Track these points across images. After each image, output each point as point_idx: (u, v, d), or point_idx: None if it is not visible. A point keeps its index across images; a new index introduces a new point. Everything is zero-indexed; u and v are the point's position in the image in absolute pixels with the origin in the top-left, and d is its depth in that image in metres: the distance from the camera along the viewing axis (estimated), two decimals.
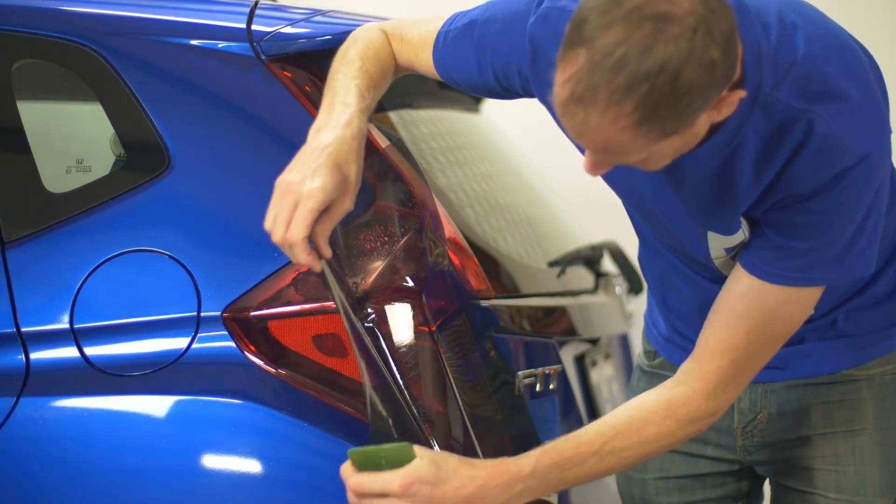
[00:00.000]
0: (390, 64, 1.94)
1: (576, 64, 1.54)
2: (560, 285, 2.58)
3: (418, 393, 1.90)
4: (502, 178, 2.65)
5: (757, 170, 1.72)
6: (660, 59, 1.50)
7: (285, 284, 1.92)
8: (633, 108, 1.52)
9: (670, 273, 2.02)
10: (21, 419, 1.93)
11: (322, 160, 1.74)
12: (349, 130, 1.78)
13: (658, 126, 1.55)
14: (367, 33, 1.94)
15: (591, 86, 1.53)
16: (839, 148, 1.68)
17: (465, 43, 1.90)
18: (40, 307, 1.97)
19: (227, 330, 1.93)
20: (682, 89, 1.52)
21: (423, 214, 1.96)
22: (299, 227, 1.73)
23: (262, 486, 1.91)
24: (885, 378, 2.00)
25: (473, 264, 2.04)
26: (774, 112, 1.68)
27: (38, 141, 2.06)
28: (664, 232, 1.93)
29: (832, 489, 2.00)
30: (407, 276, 1.89)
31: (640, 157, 1.63)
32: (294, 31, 2.07)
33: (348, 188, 1.76)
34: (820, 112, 1.67)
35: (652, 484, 2.15)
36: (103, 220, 1.99)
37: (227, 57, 2.03)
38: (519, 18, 1.83)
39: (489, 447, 1.93)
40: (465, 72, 1.92)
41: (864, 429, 2.00)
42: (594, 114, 1.54)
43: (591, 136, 1.58)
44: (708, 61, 1.52)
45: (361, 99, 1.82)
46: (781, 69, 1.68)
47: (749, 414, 2.04)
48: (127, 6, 2.14)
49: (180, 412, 1.93)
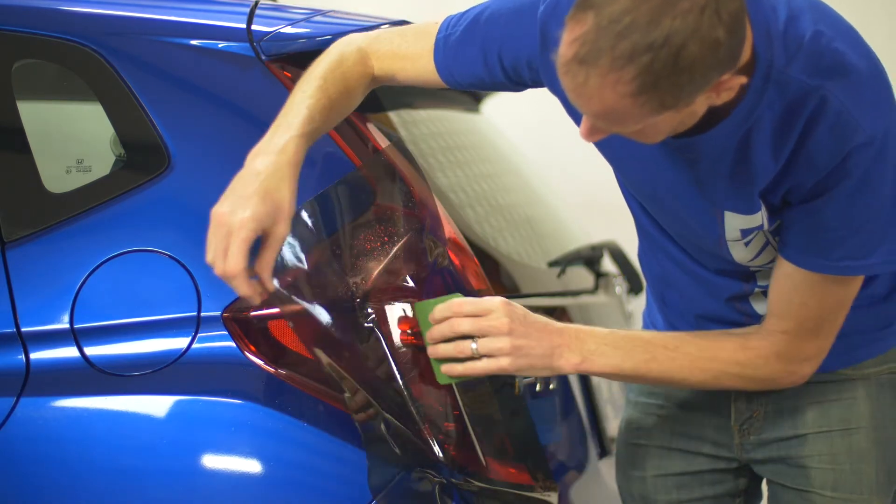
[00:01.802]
0: (359, 82, 1.93)
1: (583, 26, 1.57)
2: (560, 285, 2.58)
3: (418, 393, 1.90)
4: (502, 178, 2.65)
5: (774, 147, 1.74)
6: (665, 31, 1.53)
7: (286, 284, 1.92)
8: (633, 76, 1.55)
9: (671, 268, 2.03)
10: (21, 419, 1.93)
11: (252, 189, 1.74)
12: (283, 157, 1.77)
13: (656, 98, 1.57)
14: (341, 48, 1.94)
15: (595, 49, 1.56)
16: (852, 124, 1.70)
17: (469, 42, 1.91)
18: (40, 307, 1.97)
19: (227, 330, 1.93)
20: (683, 64, 1.54)
21: (423, 214, 1.96)
22: (233, 259, 1.73)
23: (262, 486, 1.91)
24: (881, 377, 2.01)
25: (473, 264, 2.04)
26: (788, 89, 1.71)
27: (38, 141, 2.06)
28: (672, 218, 1.94)
29: (829, 487, 2.00)
30: (407, 276, 1.89)
31: (634, 128, 1.65)
32: (294, 31, 2.07)
33: (281, 215, 1.75)
34: (832, 88, 1.70)
35: (651, 481, 2.15)
36: (103, 220, 1.99)
37: (227, 57, 2.03)
38: (526, 10, 1.86)
39: (489, 447, 1.93)
40: (472, 70, 1.92)
41: (860, 427, 2.00)
42: (594, 76, 1.57)
43: (589, 100, 1.61)
44: (712, 40, 1.54)
45: (309, 122, 1.82)
46: (792, 47, 1.70)
47: (746, 412, 2.05)
48: (127, 6, 2.14)
49: (180, 412, 1.93)
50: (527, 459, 2.02)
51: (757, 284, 1.96)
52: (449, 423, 1.94)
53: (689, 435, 2.11)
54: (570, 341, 1.86)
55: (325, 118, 1.86)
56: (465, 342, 1.83)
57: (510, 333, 1.82)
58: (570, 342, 1.86)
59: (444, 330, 1.84)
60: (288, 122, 1.81)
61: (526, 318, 1.84)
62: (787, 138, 1.73)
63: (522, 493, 2.00)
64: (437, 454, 1.91)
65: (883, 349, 2.01)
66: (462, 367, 1.84)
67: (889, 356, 2.02)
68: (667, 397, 2.13)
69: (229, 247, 1.73)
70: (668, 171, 1.84)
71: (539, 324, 1.85)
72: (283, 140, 1.79)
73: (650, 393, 2.16)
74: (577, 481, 2.39)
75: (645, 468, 2.15)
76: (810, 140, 1.71)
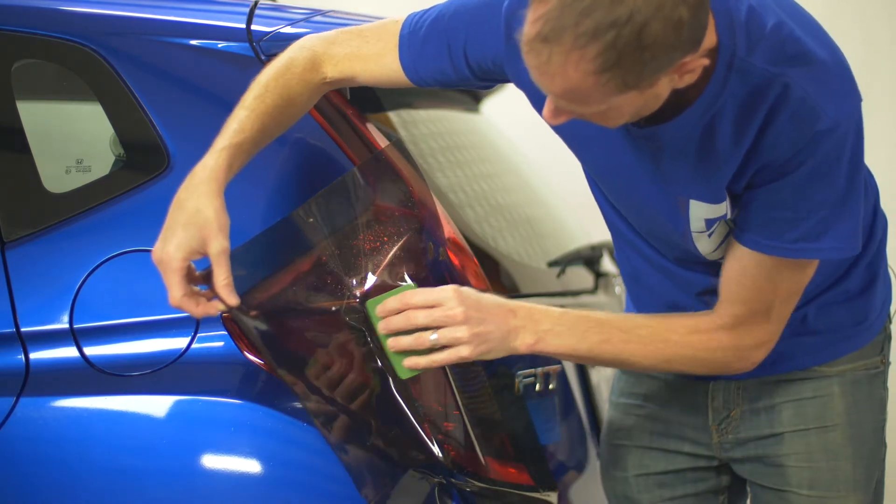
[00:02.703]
0: (306, 89, 1.93)
1: (547, 4, 1.58)
2: (560, 285, 2.58)
3: (418, 393, 1.90)
4: (502, 178, 2.65)
5: (736, 135, 1.75)
6: (629, 9, 1.54)
7: (285, 285, 1.92)
8: (596, 53, 1.56)
9: (640, 265, 2.04)
10: (21, 419, 1.93)
11: (174, 220, 1.79)
12: (202, 174, 1.80)
13: (619, 76, 1.58)
14: (292, 53, 1.94)
15: (558, 27, 1.56)
16: (815, 111, 1.71)
17: (434, 39, 1.91)
18: (40, 307, 1.97)
19: (227, 330, 1.93)
20: (646, 42, 1.55)
21: (423, 214, 1.96)
22: (172, 291, 1.78)
23: (262, 486, 1.91)
24: (856, 373, 2.03)
25: (473, 264, 2.04)
26: (750, 77, 1.72)
27: (37, 141, 2.06)
28: (638, 212, 1.95)
29: (805, 486, 2.02)
30: (407, 276, 1.89)
31: (598, 109, 1.65)
32: (294, 31, 2.07)
33: (209, 233, 1.78)
34: (794, 76, 1.71)
35: (633, 481, 2.16)
36: (103, 220, 1.99)
37: (227, 57, 2.03)
38: (491, 5, 1.86)
39: (489, 447, 1.93)
40: (438, 67, 1.93)
41: (835, 425, 2.02)
42: (557, 54, 1.58)
43: (552, 78, 1.61)
44: (676, 19, 1.55)
45: (238, 133, 1.84)
46: (754, 36, 1.71)
47: (723, 411, 2.07)
48: (127, 6, 2.13)
49: (180, 412, 1.93)
50: (527, 459, 2.02)
51: None
52: (449, 423, 1.94)
53: (668, 434, 2.13)
54: (525, 322, 1.86)
55: (261, 128, 1.87)
56: (424, 334, 1.82)
57: (466, 321, 1.81)
58: (525, 323, 1.86)
59: (399, 322, 1.82)
60: (218, 139, 1.84)
61: (479, 303, 1.83)
62: (750, 125, 1.74)
63: (522, 493, 2.00)
64: (437, 454, 1.91)
65: (858, 345, 2.03)
66: (426, 360, 1.83)
67: (864, 352, 2.04)
68: (646, 397, 2.15)
69: (166, 282, 1.78)
70: (633, 162, 1.85)
71: (493, 306, 1.84)
72: (206, 160, 1.82)
73: (630, 394, 2.17)
74: (577, 481, 2.39)
75: (627, 468, 2.17)
76: (773, 127, 1.73)
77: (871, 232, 1.99)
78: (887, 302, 2.08)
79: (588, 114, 1.67)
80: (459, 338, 1.81)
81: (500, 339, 1.84)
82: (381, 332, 1.82)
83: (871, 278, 2.01)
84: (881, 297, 2.04)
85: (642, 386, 2.15)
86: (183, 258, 1.77)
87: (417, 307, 1.82)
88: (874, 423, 2.05)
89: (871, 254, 2.00)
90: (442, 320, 1.81)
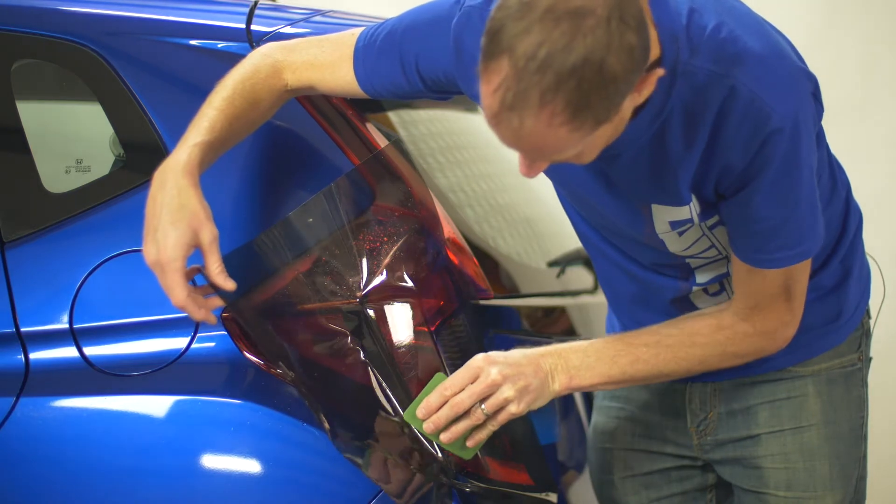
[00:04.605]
0: (270, 95, 1.93)
1: (501, 73, 1.56)
2: (559, 285, 2.58)
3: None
4: (502, 178, 2.65)
5: (687, 137, 1.76)
6: (582, 52, 1.53)
7: (285, 284, 1.92)
8: (564, 104, 1.55)
9: (608, 269, 2.06)
10: (21, 419, 1.93)
11: (161, 220, 1.78)
12: (177, 170, 1.80)
13: (591, 117, 1.58)
14: (256, 60, 1.94)
15: (520, 91, 1.55)
16: (763, 111, 1.72)
17: (387, 53, 1.92)
18: (40, 307, 1.97)
19: (226, 330, 1.93)
20: (608, 77, 1.55)
21: (423, 214, 1.96)
22: (175, 292, 1.78)
23: (262, 486, 1.91)
24: (831, 372, 2.04)
25: (473, 264, 2.04)
26: (695, 79, 1.73)
27: (37, 141, 2.06)
28: (599, 216, 1.96)
29: (782, 487, 2.03)
30: (406, 276, 1.89)
31: (574, 153, 1.65)
32: (294, 31, 2.07)
33: (199, 224, 1.79)
34: (738, 76, 1.72)
35: (619, 483, 2.17)
36: (103, 220, 1.99)
37: (227, 57, 2.03)
38: (442, 20, 1.86)
39: (488, 447, 1.93)
40: (392, 80, 1.93)
41: (811, 425, 2.03)
42: (528, 117, 1.57)
43: (528, 140, 1.60)
44: (627, 46, 1.56)
45: (209, 132, 1.84)
46: (696, 39, 1.72)
47: (700, 413, 2.08)
48: (127, 6, 2.14)
49: (180, 412, 1.93)
50: (527, 460, 2.02)
51: (695, 282, 1.98)
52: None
53: (650, 436, 2.14)
54: (556, 362, 1.88)
55: (229, 129, 1.87)
56: (475, 412, 1.83)
57: (506, 381, 1.83)
58: (556, 363, 1.88)
59: (447, 414, 1.83)
60: (187, 136, 1.84)
61: (510, 361, 1.85)
62: (701, 126, 1.75)
63: (522, 493, 2.00)
64: (437, 454, 1.91)
65: (833, 343, 2.03)
66: (485, 432, 1.86)
67: (839, 350, 2.04)
68: (627, 400, 2.16)
69: (169, 284, 1.78)
70: (590, 174, 1.87)
71: (523, 359, 1.86)
72: (178, 155, 1.82)
73: (613, 397, 2.18)
74: (577, 481, 2.39)
75: (613, 471, 2.18)
76: (724, 129, 1.74)
77: (843, 226, 2.00)
78: (864, 297, 2.07)
79: (563, 159, 1.67)
80: (507, 398, 1.83)
81: (539, 386, 1.86)
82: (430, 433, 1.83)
83: (845, 274, 2.01)
84: (856, 293, 2.04)
85: (624, 389, 2.15)
86: (183, 257, 1.77)
87: (457, 392, 1.82)
88: (851, 421, 2.05)
89: (844, 248, 2.00)
90: (485, 391, 1.83)
